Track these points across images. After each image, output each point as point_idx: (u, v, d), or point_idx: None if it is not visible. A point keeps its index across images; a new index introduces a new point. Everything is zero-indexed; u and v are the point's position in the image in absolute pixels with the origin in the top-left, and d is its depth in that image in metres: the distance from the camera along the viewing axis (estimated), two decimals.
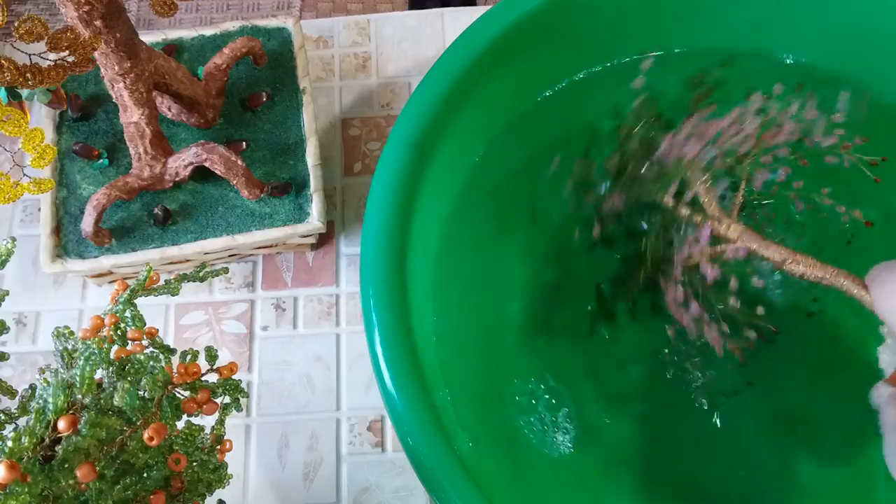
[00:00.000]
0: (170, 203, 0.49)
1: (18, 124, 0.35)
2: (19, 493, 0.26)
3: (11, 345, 0.52)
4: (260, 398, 0.50)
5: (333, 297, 0.53)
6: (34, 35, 0.32)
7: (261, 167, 0.50)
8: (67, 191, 0.49)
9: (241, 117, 0.52)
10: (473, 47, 0.44)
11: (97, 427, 0.28)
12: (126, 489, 0.29)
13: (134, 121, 0.45)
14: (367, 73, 0.60)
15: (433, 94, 0.43)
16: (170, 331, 0.52)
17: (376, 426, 0.49)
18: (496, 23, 0.44)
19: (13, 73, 0.33)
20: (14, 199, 0.36)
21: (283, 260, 0.54)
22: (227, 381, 0.35)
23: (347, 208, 0.55)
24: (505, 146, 0.48)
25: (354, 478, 0.48)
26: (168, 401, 0.32)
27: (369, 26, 0.61)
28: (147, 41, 0.48)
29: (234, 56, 0.50)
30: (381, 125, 0.58)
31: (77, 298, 0.53)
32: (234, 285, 0.53)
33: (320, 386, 0.50)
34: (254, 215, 0.48)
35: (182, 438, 0.33)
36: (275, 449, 0.49)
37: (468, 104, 0.44)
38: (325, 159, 0.56)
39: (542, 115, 0.49)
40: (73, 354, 0.33)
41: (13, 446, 0.27)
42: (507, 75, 0.46)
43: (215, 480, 0.35)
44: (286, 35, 0.54)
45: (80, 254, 0.47)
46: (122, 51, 0.41)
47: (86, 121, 0.51)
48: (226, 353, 0.51)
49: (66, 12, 0.38)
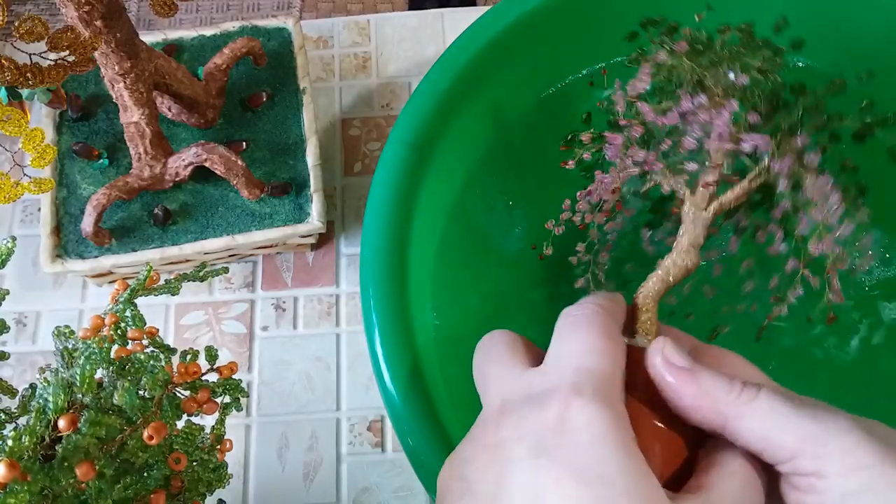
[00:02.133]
0: (170, 203, 0.49)
1: (19, 124, 0.35)
2: (19, 491, 0.26)
3: (11, 345, 0.52)
4: (260, 398, 0.50)
5: (333, 297, 0.53)
6: (34, 35, 0.32)
7: (261, 167, 0.50)
8: (67, 191, 0.49)
9: (241, 117, 0.52)
10: (473, 47, 0.44)
11: (97, 426, 0.28)
12: (126, 488, 0.29)
13: (134, 121, 0.45)
14: (367, 74, 0.60)
15: (433, 94, 0.43)
16: (170, 331, 0.52)
17: (376, 426, 0.49)
18: (496, 23, 0.44)
19: (13, 72, 0.33)
20: (14, 198, 0.36)
21: (283, 260, 0.54)
22: (227, 381, 0.35)
23: (347, 208, 0.55)
24: (505, 145, 0.48)
25: (354, 478, 0.48)
26: (168, 400, 0.32)
27: (369, 26, 0.61)
28: (147, 41, 0.48)
29: (234, 56, 0.50)
30: (381, 125, 0.58)
31: (77, 298, 0.53)
32: (234, 285, 0.53)
33: (320, 386, 0.50)
34: (254, 215, 0.48)
35: (182, 438, 0.33)
36: (275, 449, 0.49)
37: (468, 104, 0.44)
38: (325, 159, 0.56)
39: (542, 114, 0.49)
40: (73, 354, 0.33)
41: (13, 445, 0.27)
42: (508, 75, 0.46)
43: (215, 480, 0.35)
44: (286, 35, 0.54)
45: (80, 254, 0.47)
46: (123, 51, 0.41)
47: (86, 121, 0.51)
48: (226, 353, 0.51)
49: (67, 12, 0.38)
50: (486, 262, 0.46)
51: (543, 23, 0.45)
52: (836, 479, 0.22)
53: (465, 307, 0.45)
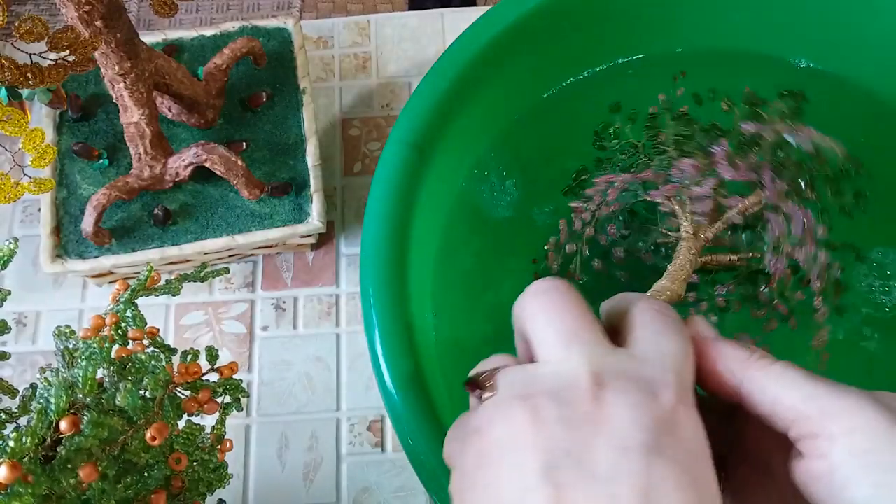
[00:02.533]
0: (170, 203, 0.49)
1: (19, 124, 0.35)
2: (22, 493, 0.26)
3: (11, 345, 0.52)
4: (260, 398, 0.50)
5: (333, 297, 0.53)
6: (35, 35, 0.32)
7: (261, 167, 0.50)
8: (67, 191, 0.49)
9: (241, 117, 0.52)
10: (473, 47, 0.44)
11: (99, 427, 0.28)
12: (127, 489, 0.29)
13: (134, 121, 0.45)
14: (367, 74, 0.60)
15: (433, 94, 0.43)
16: (170, 331, 0.52)
17: (376, 426, 0.49)
18: (496, 23, 0.44)
19: (14, 72, 0.33)
20: (14, 199, 0.36)
21: (283, 260, 0.54)
22: (227, 381, 0.35)
23: (347, 208, 0.55)
24: (505, 145, 0.48)
25: (354, 478, 0.48)
26: (169, 400, 0.32)
27: (369, 26, 0.61)
28: (147, 41, 0.48)
29: (234, 56, 0.50)
30: (381, 125, 0.58)
31: (77, 299, 0.53)
32: (234, 285, 0.53)
33: (320, 386, 0.50)
34: (254, 215, 0.48)
35: (183, 438, 0.33)
36: (275, 449, 0.49)
37: (468, 104, 0.44)
38: (325, 159, 0.56)
39: (543, 114, 0.49)
40: (74, 354, 0.33)
41: (15, 446, 0.27)
42: (508, 75, 0.46)
43: (215, 480, 0.35)
44: (286, 35, 0.54)
45: (80, 254, 0.47)
46: (123, 51, 0.41)
47: (86, 121, 0.51)
48: (226, 353, 0.51)
49: (67, 12, 0.38)
50: (487, 262, 0.46)
51: (543, 23, 0.45)
52: (842, 440, 0.22)
53: (465, 307, 0.45)
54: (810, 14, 0.47)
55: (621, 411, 0.22)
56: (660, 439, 0.21)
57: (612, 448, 0.21)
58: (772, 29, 0.48)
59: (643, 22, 0.48)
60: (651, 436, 0.21)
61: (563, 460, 0.21)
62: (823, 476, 0.22)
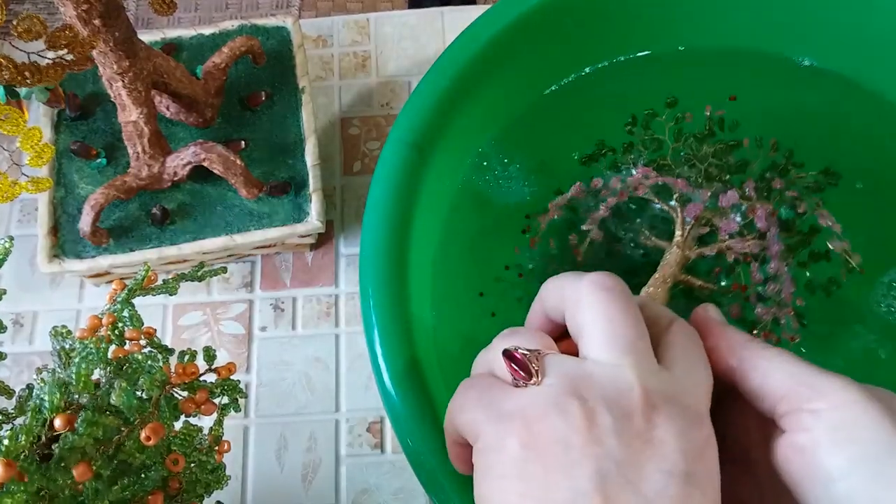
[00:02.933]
0: (168, 203, 0.48)
1: (16, 123, 0.35)
2: (16, 491, 0.26)
3: (8, 345, 0.52)
4: (258, 399, 0.50)
5: (332, 297, 0.53)
6: (33, 33, 0.32)
7: (259, 166, 0.50)
8: (65, 190, 0.48)
9: (239, 116, 0.52)
10: (474, 45, 0.43)
11: (94, 426, 0.28)
12: (124, 489, 0.29)
13: (132, 120, 0.45)
14: (367, 73, 0.60)
15: (433, 92, 0.43)
16: (168, 331, 0.52)
17: (375, 427, 0.49)
18: (496, 22, 0.44)
19: (11, 71, 0.33)
20: (12, 198, 0.36)
21: (282, 260, 0.54)
22: (225, 382, 0.35)
23: (347, 208, 0.55)
24: (505, 144, 0.48)
25: (353, 479, 0.48)
26: (166, 401, 0.32)
27: (369, 25, 0.61)
28: (146, 40, 0.48)
29: (232, 55, 0.50)
30: (380, 124, 0.58)
31: (74, 298, 0.53)
32: (232, 285, 0.53)
33: (319, 387, 0.50)
34: (252, 215, 0.48)
35: (180, 439, 0.32)
36: (273, 450, 0.49)
37: (468, 103, 0.44)
38: (325, 159, 0.56)
39: (544, 113, 0.49)
40: (70, 354, 0.32)
41: (9, 444, 0.27)
42: (508, 73, 0.46)
43: (213, 481, 0.35)
44: (285, 34, 0.53)
45: (77, 254, 0.47)
46: (121, 50, 0.41)
47: (84, 120, 0.51)
48: (224, 353, 0.51)
49: (65, 11, 0.37)
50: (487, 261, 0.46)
51: (544, 21, 0.45)
52: (826, 415, 0.24)
53: (464, 308, 0.45)
54: (814, 12, 0.47)
55: (670, 438, 0.23)
56: (695, 467, 0.23)
57: (660, 471, 0.23)
58: (774, 27, 0.48)
59: (645, 19, 0.48)
60: (689, 465, 0.23)
61: (614, 472, 0.23)
62: (805, 449, 0.24)
